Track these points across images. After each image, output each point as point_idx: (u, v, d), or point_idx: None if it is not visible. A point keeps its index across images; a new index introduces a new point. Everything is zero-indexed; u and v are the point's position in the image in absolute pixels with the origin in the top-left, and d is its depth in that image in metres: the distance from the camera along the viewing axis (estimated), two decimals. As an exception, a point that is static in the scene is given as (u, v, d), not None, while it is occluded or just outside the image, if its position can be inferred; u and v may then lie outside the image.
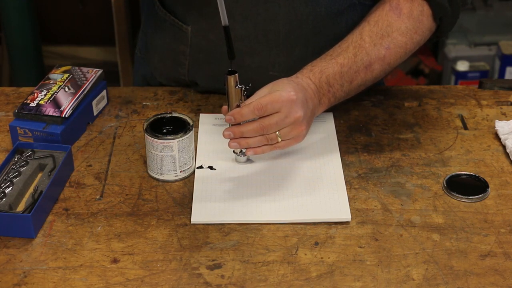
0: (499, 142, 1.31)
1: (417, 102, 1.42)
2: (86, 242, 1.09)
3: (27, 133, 1.26)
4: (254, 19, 1.31)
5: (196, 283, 1.03)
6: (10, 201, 1.13)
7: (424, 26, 1.26)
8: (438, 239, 1.10)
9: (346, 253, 1.08)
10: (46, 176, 1.18)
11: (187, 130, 1.20)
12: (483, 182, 1.21)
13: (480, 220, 1.14)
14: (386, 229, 1.12)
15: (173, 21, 1.39)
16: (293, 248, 1.09)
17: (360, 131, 1.34)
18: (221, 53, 1.35)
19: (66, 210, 1.15)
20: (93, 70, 1.38)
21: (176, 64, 1.42)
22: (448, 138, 1.32)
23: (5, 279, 1.03)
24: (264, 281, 1.03)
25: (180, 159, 1.20)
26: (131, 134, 1.33)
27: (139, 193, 1.19)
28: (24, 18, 2.61)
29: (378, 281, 1.03)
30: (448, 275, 1.04)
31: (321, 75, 1.22)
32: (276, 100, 1.14)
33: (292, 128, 1.16)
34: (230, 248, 1.09)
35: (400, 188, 1.20)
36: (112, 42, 2.83)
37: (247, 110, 1.14)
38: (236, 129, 1.15)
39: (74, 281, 1.03)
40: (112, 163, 1.25)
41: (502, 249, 1.09)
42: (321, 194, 1.18)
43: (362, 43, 1.24)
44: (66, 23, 3.05)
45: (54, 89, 1.32)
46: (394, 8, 1.25)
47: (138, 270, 1.05)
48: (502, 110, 1.40)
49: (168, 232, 1.11)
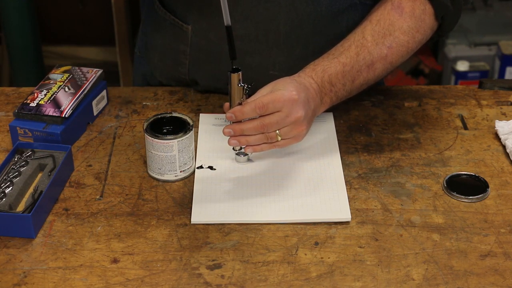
0: (499, 142, 1.31)
1: (417, 102, 1.42)
2: (86, 242, 1.09)
3: (27, 133, 1.26)
4: (255, 19, 1.31)
5: (196, 283, 1.03)
6: (10, 201, 1.13)
7: (426, 25, 1.26)
8: (438, 239, 1.10)
9: (346, 253, 1.08)
10: (46, 176, 1.18)
11: (187, 130, 1.20)
12: (483, 182, 1.21)
13: (480, 220, 1.14)
14: (386, 229, 1.12)
15: (173, 20, 1.39)
16: (293, 248, 1.09)
17: (360, 131, 1.34)
18: (222, 53, 1.35)
19: (66, 210, 1.15)
20: (93, 70, 1.38)
21: (176, 63, 1.42)
22: (448, 138, 1.32)
23: (5, 279, 1.03)
24: (264, 281, 1.03)
25: (180, 159, 1.20)
26: (131, 134, 1.33)
27: (139, 193, 1.19)
28: (24, 18, 2.61)
29: (378, 281, 1.03)
30: (448, 275, 1.04)
31: (324, 74, 1.22)
32: (277, 99, 1.13)
33: (293, 128, 1.16)
34: (230, 248, 1.09)
35: (400, 188, 1.20)
36: (112, 42, 2.83)
37: (248, 108, 1.14)
38: (236, 127, 1.15)
39: (74, 281, 1.03)
40: (112, 163, 1.25)
41: (502, 249, 1.09)
42: (321, 194, 1.18)
43: (364, 42, 1.24)
44: (66, 23, 3.05)
45: (54, 89, 1.32)
46: (396, 7, 1.25)
47: (138, 270, 1.05)
48: (502, 110, 1.40)
49: (168, 232, 1.11)
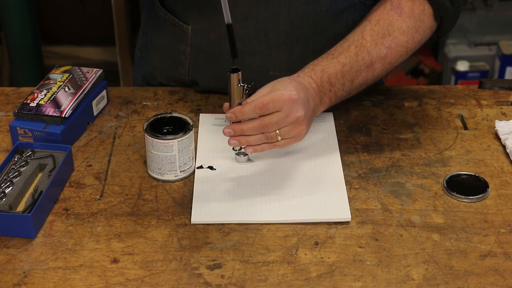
0: (499, 142, 1.31)
1: (417, 102, 1.42)
2: (86, 242, 1.09)
3: (27, 133, 1.26)
4: (255, 19, 1.31)
5: (196, 283, 1.03)
6: (10, 201, 1.13)
7: (425, 25, 1.26)
8: (438, 239, 1.10)
9: (346, 253, 1.08)
10: (46, 176, 1.18)
11: (187, 130, 1.20)
12: (483, 182, 1.21)
13: (480, 220, 1.14)
14: (386, 229, 1.12)
15: (173, 20, 1.39)
16: (293, 248, 1.09)
17: (360, 131, 1.34)
18: (222, 53, 1.35)
19: (66, 210, 1.15)
20: (93, 70, 1.38)
21: (176, 64, 1.42)
22: (448, 138, 1.32)
23: (5, 279, 1.03)
24: (264, 281, 1.03)
25: (180, 159, 1.20)
26: (131, 134, 1.33)
27: (139, 193, 1.19)
28: (24, 18, 2.61)
29: (378, 281, 1.03)
30: (448, 275, 1.04)
31: (323, 74, 1.22)
32: (277, 99, 1.14)
33: (293, 127, 1.16)
34: (230, 248, 1.09)
35: (400, 188, 1.20)
36: (112, 42, 2.83)
37: (248, 108, 1.14)
38: (236, 127, 1.15)
39: (74, 281, 1.03)
40: (112, 163, 1.25)
41: (502, 249, 1.09)
42: (321, 194, 1.18)
43: (364, 42, 1.24)
44: (66, 23, 3.04)
45: (54, 89, 1.32)
46: (396, 7, 1.25)
47: (138, 270, 1.05)
48: (502, 110, 1.40)
49: (168, 232, 1.11)
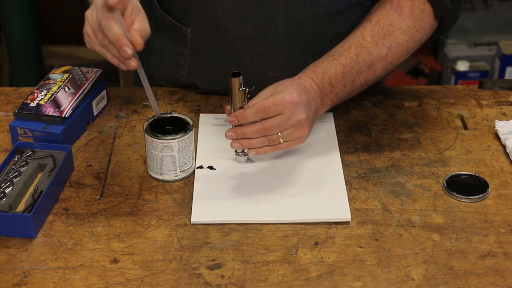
0: (499, 142, 1.31)
1: (417, 102, 1.42)
2: (86, 242, 1.09)
3: (27, 133, 1.26)
4: (253, 20, 1.31)
5: (196, 283, 1.03)
6: (10, 201, 1.13)
7: (425, 24, 1.26)
8: (438, 239, 1.10)
9: (346, 253, 1.08)
10: (46, 176, 1.18)
11: (187, 130, 1.20)
12: (483, 182, 1.21)
13: (480, 220, 1.14)
14: (386, 229, 1.12)
15: (172, 23, 1.39)
16: (293, 248, 1.09)
17: (360, 131, 1.34)
18: (221, 55, 1.35)
19: (66, 210, 1.15)
20: (93, 70, 1.38)
21: (176, 66, 1.42)
22: (448, 138, 1.32)
23: (5, 279, 1.03)
24: (264, 281, 1.03)
25: (180, 159, 1.20)
26: (131, 134, 1.33)
27: (139, 193, 1.19)
28: (24, 18, 2.61)
29: (378, 281, 1.03)
30: (448, 275, 1.04)
31: (324, 75, 1.22)
32: (279, 102, 1.14)
33: (295, 130, 1.16)
34: (230, 248, 1.09)
35: (400, 188, 1.20)
36: (112, 42, 2.82)
37: (250, 112, 1.14)
38: (238, 130, 1.16)
39: (74, 281, 1.03)
40: (112, 163, 1.25)
41: (502, 249, 1.09)
42: (321, 194, 1.18)
43: (364, 43, 1.24)
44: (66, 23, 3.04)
45: (54, 89, 1.32)
46: (395, 7, 1.25)
47: (138, 270, 1.05)
48: (502, 110, 1.40)
49: (168, 232, 1.11)
